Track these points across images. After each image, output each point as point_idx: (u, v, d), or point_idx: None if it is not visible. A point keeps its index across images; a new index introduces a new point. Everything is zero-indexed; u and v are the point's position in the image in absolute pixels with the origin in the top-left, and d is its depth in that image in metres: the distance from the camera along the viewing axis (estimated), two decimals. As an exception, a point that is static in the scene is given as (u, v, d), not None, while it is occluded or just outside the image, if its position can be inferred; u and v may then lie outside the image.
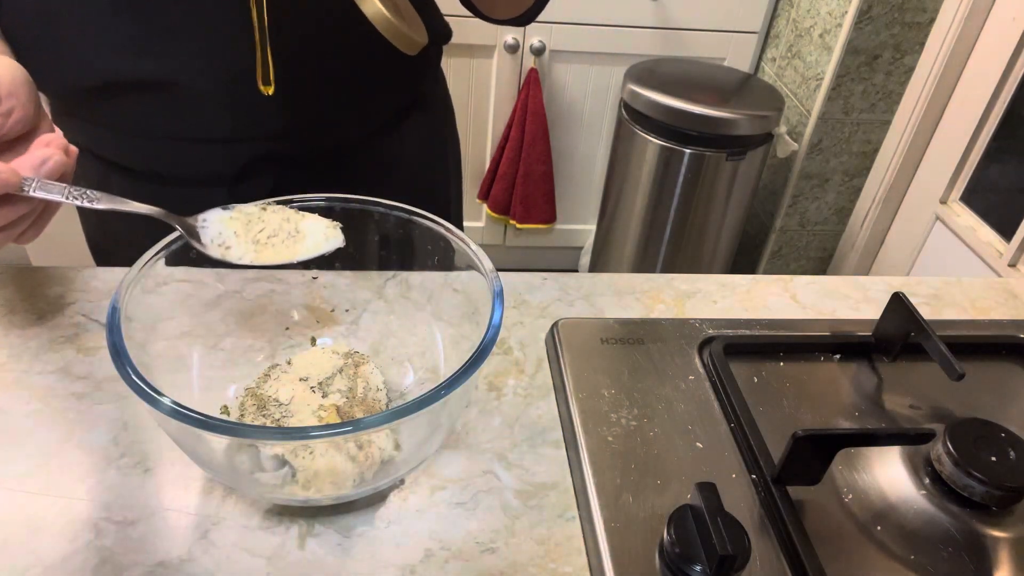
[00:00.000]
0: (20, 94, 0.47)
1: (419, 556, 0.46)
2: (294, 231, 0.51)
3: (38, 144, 0.46)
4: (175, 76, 0.60)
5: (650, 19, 1.86)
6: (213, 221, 0.50)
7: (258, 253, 0.50)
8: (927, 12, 1.58)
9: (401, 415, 0.41)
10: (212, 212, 0.51)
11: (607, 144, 2.04)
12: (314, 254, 0.51)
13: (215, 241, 0.50)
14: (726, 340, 0.60)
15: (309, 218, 0.52)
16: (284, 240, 0.51)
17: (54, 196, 0.45)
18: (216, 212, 0.51)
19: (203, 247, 0.49)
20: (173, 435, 0.44)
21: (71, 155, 0.47)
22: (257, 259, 0.50)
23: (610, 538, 0.46)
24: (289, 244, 0.51)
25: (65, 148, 0.47)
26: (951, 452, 0.50)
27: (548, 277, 0.70)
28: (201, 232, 0.50)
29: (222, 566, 0.44)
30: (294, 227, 0.51)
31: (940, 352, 0.56)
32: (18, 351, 0.57)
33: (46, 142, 0.46)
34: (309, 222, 0.52)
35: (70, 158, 0.47)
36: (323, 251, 0.51)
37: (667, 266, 1.83)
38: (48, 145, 0.46)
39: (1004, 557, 0.47)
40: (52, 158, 0.45)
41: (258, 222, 0.51)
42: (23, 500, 0.47)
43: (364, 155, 0.74)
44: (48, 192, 0.45)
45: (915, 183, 1.71)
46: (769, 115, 1.63)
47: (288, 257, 0.50)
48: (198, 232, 0.50)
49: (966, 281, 0.75)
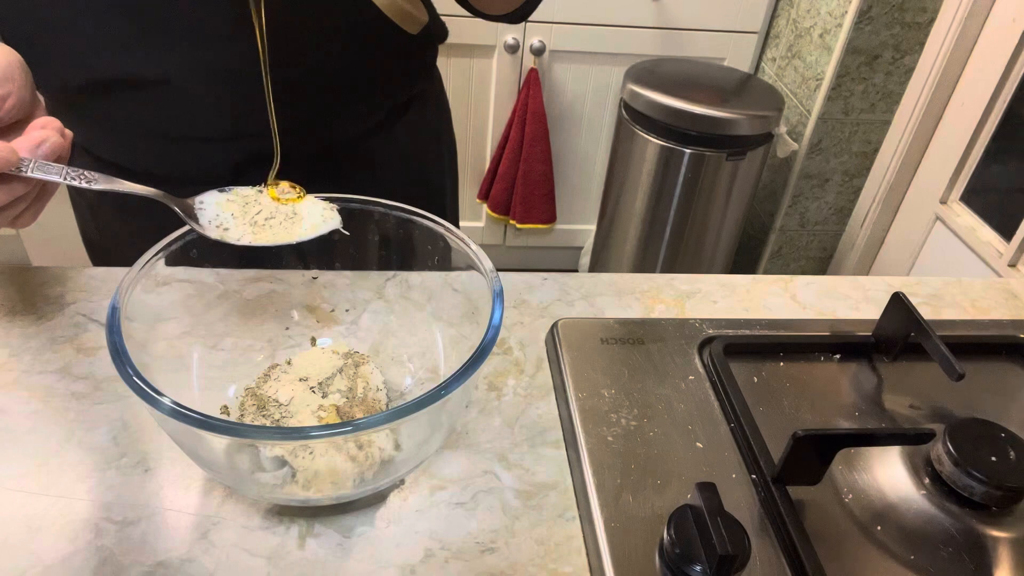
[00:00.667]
0: (16, 79, 0.47)
1: (419, 556, 0.46)
2: (291, 213, 0.51)
3: (34, 126, 0.46)
4: (167, 74, 0.60)
5: (650, 19, 1.86)
6: (210, 203, 0.50)
7: (256, 235, 0.50)
8: (927, 12, 1.58)
9: (401, 415, 0.41)
10: (209, 194, 0.51)
11: (607, 144, 2.04)
12: (312, 235, 0.51)
13: (213, 223, 0.50)
14: (726, 340, 0.60)
15: (306, 200, 0.52)
16: (282, 222, 0.51)
17: (52, 176, 0.45)
18: (213, 194, 0.51)
19: (202, 228, 0.49)
20: (173, 435, 0.44)
21: (67, 138, 0.47)
22: (255, 240, 0.50)
23: (610, 538, 0.46)
24: (287, 225, 0.51)
25: (60, 130, 0.47)
26: (951, 452, 0.50)
27: (548, 277, 0.70)
28: (199, 214, 0.50)
29: (222, 566, 0.44)
30: (291, 209, 0.51)
31: (940, 352, 0.56)
32: (18, 351, 0.57)
33: (42, 124, 0.46)
34: (306, 204, 0.52)
35: (66, 140, 0.47)
36: (320, 232, 0.51)
37: (667, 266, 1.83)
38: (44, 127, 0.46)
39: (1004, 557, 0.47)
40: (49, 139, 0.45)
41: (255, 204, 0.51)
42: (23, 500, 0.47)
43: (359, 154, 0.73)
44: (46, 172, 0.44)
45: (915, 183, 1.71)
46: (769, 115, 1.63)
47: (286, 238, 0.50)
48: (196, 214, 0.50)
49: (966, 281, 0.75)
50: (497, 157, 2.01)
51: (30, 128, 0.46)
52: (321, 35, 0.64)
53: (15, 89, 0.46)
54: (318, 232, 0.51)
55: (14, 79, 0.47)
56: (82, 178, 0.46)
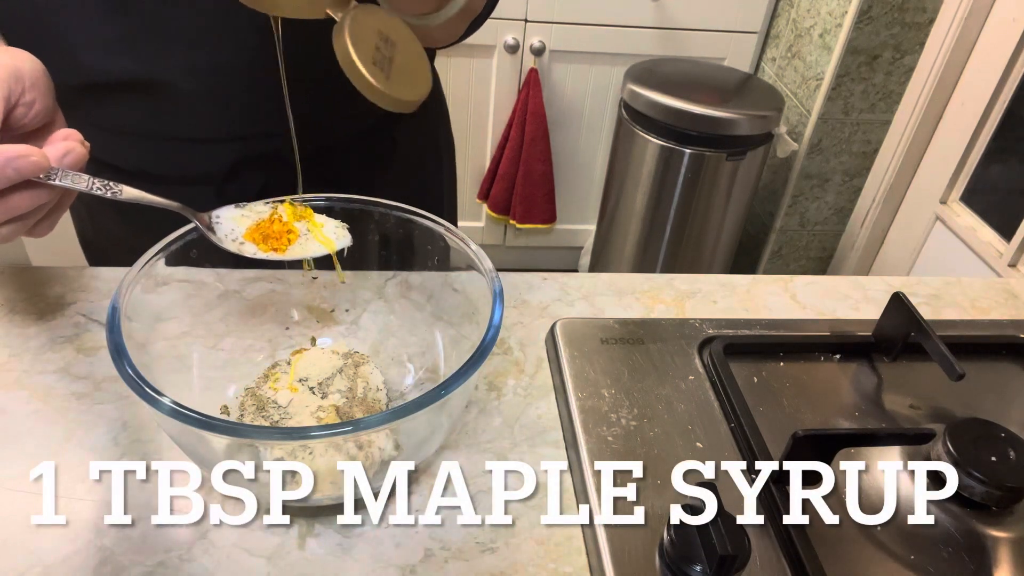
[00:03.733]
0: (40, 86, 0.48)
1: (419, 556, 0.46)
2: (305, 230, 0.53)
3: (57, 137, 0.47)
4: (163, 76, 0.60)
5: (650, 19, 1.85)
6: (226, 219, 0.51)
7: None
8: (927, 12, 1.58)
9: (401, 415, 0.41)
10: (225, 209, 0.52)
11: (607, 144, 2.04)
12: (324, 251, 0.52)
13: (229, 236, 0.51)
14: (726, 340, 0.60)
15: (318, 218, 0.53)
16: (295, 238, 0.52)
17: (79, 186, 0.46)
18: (229, 210, 0.52)
19: (219, 241, 0.50)
20: (173, 435, 0.44)
21: (86, 148, 0.48)
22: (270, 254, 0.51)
23: (610, 538, 0.46)
24: (301, 241, 0.52)
25: (81, 141, 0.48)
26: (951, 452, 0.50)
27: (548, 277, 0.70)
28: (216, 227, 0.51)
29: (222, 566, 0.44)
30: (305, 225, 0.53)
31: (940, 352, 0.56)
32: (18, 351, 0.57)
33: (64, 136, 0.47)
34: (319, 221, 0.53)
35: (86, 150, 0.48)
36: (334, 249, 0.52)
37: (667, 266, 1.83)
38: (67, 139, 0.47)
39: (1004, 557, 0.47)
40: (74, 150, 0.46)
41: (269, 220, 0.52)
42: (23, 500, 0.47)
43: (355, 155, 0.73)
44: (74, 182, 0.45)
45: (915, 183, 1.71)
46: (769, 115, 1.63)
47: (300, 254, 0.51)
48: (213, 227, 0.51)
49: (966, 281, 0.75)
50: (497, 157, 2.01)
51: (53, 138, 0.47)
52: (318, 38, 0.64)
53: (39, 96, 0.47)
54: (331, 249, 0.52)
55: (38, 86, 0.47)
56: (108, 189, 0.46)
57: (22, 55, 0.48)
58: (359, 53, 0.46)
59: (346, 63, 0.46)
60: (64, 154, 0.46)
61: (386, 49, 0.48)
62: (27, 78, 0.46)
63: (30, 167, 0.43)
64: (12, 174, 0.42)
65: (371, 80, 0.46)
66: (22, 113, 0.47)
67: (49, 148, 0.46)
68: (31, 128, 0.48)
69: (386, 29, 0.49)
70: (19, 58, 0.47)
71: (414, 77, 0.51)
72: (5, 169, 0.42)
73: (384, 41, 0.48)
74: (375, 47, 0.47)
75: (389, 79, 0.47)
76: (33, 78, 0.47)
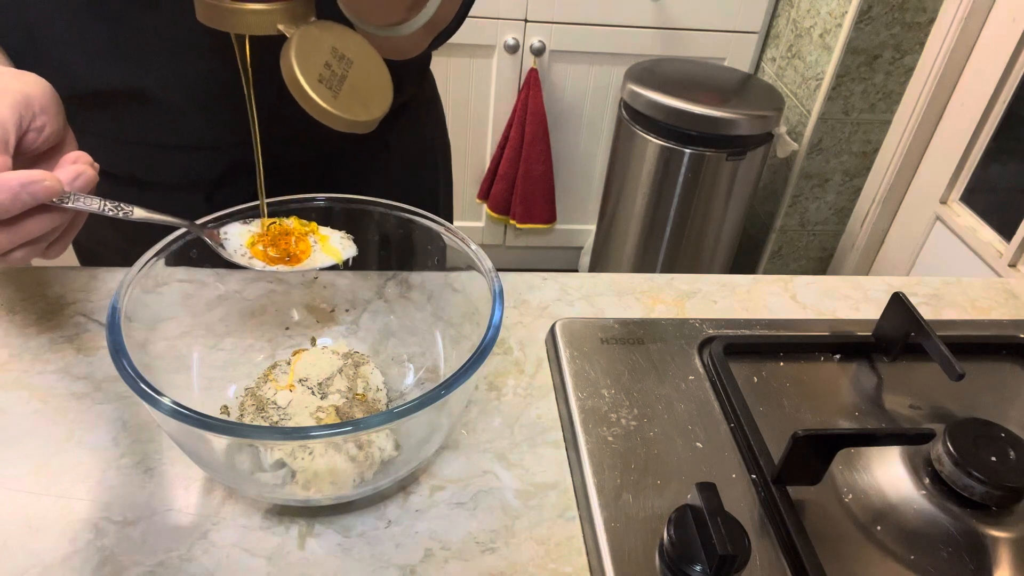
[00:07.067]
0: (50, 110, 0.48)
1: (419, 556, 0.46)
2: (312, 242, 0.54)
3: (67, 160, 0.47)
4: (152, 85, 0.61)
5: (650, 19, 1.86)
6: (234, 234, 0.53)
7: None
8: (927, 12, 1.58)
9: (401, 415, 0.41)
10: (232, 226, 0.53)
11: (607, 144, 2.04)
12: (331, 263, 0.53)
13: (238, 252, 0.52)
14: (726, 340, 0.60)
15: (323, 230, 0.54)
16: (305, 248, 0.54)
17: (91, 208, 0.46)
18: (236, 226, 0.53)
19: (229, 256, 0.51)
20: (173, 435, 0.44)
21: (95, 169, 0.49)
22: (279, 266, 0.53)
23: (610, 538, 0.46)
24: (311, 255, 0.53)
25: (91, 163, 0.48)
26: (951, 452, 0.50)
27: (548, 277, 0.70)
28: (225, 243, 0.52)
29: (222, 566, 0.45)
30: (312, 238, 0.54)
31: (940, 352, 0.56)
32: (18, 351, 0.57)
33: (73, 159, 0.48)
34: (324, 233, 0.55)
35: (95, 172, 0.49)
36: (340, 259, 0.53)
37: (667, 266, 1.83)
38: (76, 162, 0.47)
39: (1004, 557, 0.47)
40: (84, 173, 0.47)
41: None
42: (23, 500, 0.47)
43: (349, 161, 0.73)
44: (86, 204, 0.46)
45: (915, 183, 1.71)
46: (769, 115, 1.63)
47: (307, 265, 0.52)
48: (222, 243, 0.52)
49: (966, 281, 0.75)
50: (497, 157, 2.01)
51: (63, 162, 0.47)
52: None
53: (49, 120, 0.48)
54: (338, 259, 0.53)
55: (48, 111, 0.48)
56: (119, 209, 0.47)
57: (31, 79, 0.48)
58: (304, 71, 0.44)
59: (291, 81, 0.45)
60: (75, 177, 0.46)
61: (339, 67, 0.47)
62: (37, 103, 0.47)
63: (44, 192, 0.43)
64: (27, 199, 0.43)
65: (316, 99, 0.45)
66: (33, 139, 0.47)
67: (60, 172, 0.46)
68: (42, 151, 0.49)
69: (341, 46, 0.47)
70: (29, 83, 0.47)
71: (370, 96, 0.49)
72: (20, 194, 0.42)
73: (338, 58, 0.47)
74: (324, 64, 0.46)
75: (337, 98, 0.46)
76: (43, 103, 0.47)
